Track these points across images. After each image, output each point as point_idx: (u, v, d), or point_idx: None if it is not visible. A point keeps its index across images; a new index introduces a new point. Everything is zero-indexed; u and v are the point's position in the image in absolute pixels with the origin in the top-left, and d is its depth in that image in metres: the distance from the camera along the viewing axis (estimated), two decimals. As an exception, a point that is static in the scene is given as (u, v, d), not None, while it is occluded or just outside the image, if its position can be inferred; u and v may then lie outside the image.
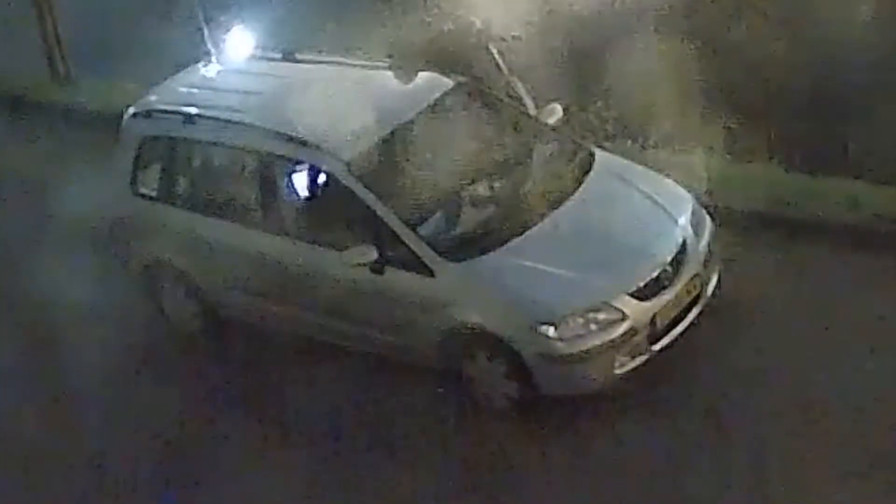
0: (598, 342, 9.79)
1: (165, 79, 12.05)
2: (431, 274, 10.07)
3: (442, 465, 9.95)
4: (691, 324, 10.21)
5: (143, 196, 11.45)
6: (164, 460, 10.43)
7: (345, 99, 11.04)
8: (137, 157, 11.46)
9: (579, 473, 9.68)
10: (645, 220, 10.46)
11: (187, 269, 11.30)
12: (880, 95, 12.43)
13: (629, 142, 12.41)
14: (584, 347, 9.78)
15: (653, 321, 9.97)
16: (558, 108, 11.07)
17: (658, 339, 10.05)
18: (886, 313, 10.39)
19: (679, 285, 10.11)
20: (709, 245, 10.48)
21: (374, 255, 10.14)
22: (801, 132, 12.18)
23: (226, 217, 10.98)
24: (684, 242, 10.29)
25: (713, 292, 10.44)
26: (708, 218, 10.66)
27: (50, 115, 15.19)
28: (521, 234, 10.23)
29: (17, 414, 11.05)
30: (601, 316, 9.81)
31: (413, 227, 10.17)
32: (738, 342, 10.38)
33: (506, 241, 10.17)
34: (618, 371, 9.94)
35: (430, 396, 10.41)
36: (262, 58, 11.85)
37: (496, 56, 11.45)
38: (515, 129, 11.09)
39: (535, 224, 10.29)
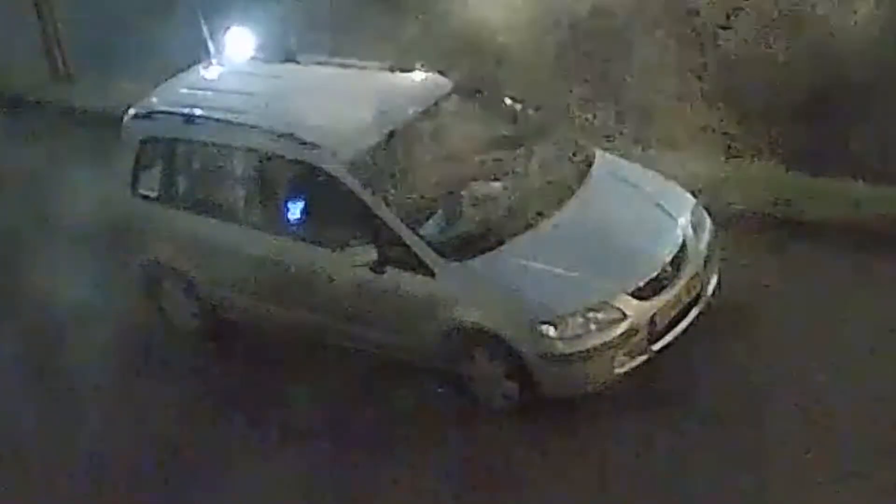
0: (597, 342, 9.79)
1: (166, 79, 12.06)
2: (431, 274, 10.08)
3: (442, 465, 9.95)
4: (691, 324, 10.21)
5: (143, 196, 11.46)
6: (164, 460, 10.44)
7: (345, 99, 11.05)
8: (138, 158, 11.46)
9: (579, 473, 9.68)
10: (645, 220, 10.46)
11: (187, 270, 11.30)
12: (880, 95, 12.43)
13: (629, 142, 12.40)
14: (583, 347, 9.78)
15: (653, 321, 9.98)
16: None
17: (658, 339, 10.05)
18: (886, 313, 10.39)
19: (679, 285, 10.11)
20: (709, 245, 10.49)
21: (374, 255, 10.14)
22: (801, 132, 12.18)
23: (226, 217, 10.98)
24: (684, 242, 10.30)
25: (713, 292, 10.44)
26: (708, 218, 10.67)
27: (50, 114, 15.20)
28: (521, 233, 10.23)
29: (16, 413, 11.05)
30: (601, 315, 9.81)
31: (413, 227, 10.18)
32: (738, 342, 10.38)
33: (506, 241, 10.17)
34: (618, 371, 9.94)
35: (430, 396, 10.41)
36: (262, 59, 11.86)
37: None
38: (515, 129, 11.09)
39: (535, 224, 10.29)
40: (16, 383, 11.39)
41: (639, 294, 9.92)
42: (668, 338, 10.10)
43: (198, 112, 11.22)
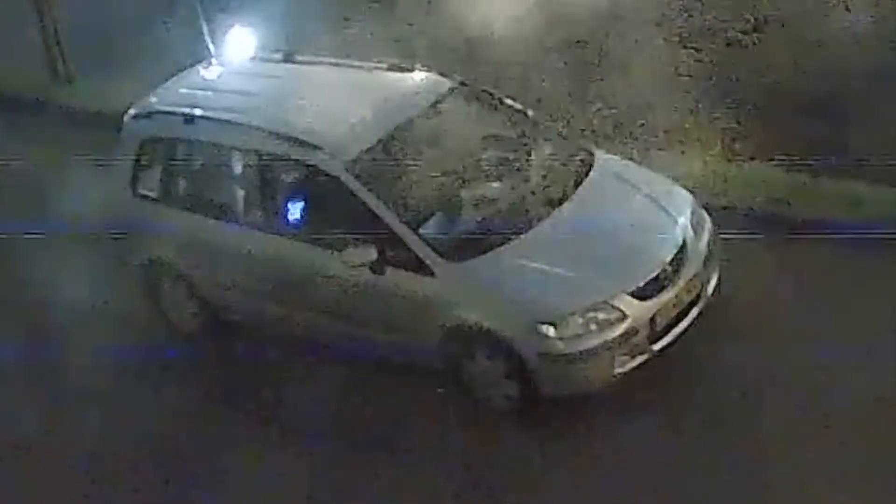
0: (597, 342, 9.79)
1: (166, 79, 12.06)
2: (431, 274, 10.08)
3: (442, 465, 9.95)
4: (691, 324, 10.21)
5: (143, 197, 11.46)
6: (164, 460, 10.44)
7: (345, 99, 11.05)
8: (138, 158, 11.47)
9: (579, 473, 9.69)
10: (645, 220, 10.46)
11: (187, 270, 11.30)
12: (881, 95, 12.43)
13: (629, 142, 12.40)
14: (584, 347, 9.78)
15: (653, 321, 9.97)
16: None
17: (658, 339, 10.05)
18: (886, 313, 10.39)
19: (679, 285, 10.11)
20: (709, 245, 10.49)
21: (374, 255, 10.14)
22: (801, 132, 12.18)
23: (226, 217, 10.99)
24: (684, 242, 10.30)
25: (713, 292, 10.44)
26: (708, 218, 10.67)
27: (50, 115, 15.19)
28: (521, 234, 10.23)
29: (16, 413, 11.05)
30: (601, 315, 9.81)
31: (413, 227, 10.18)
32: (738, 342, 10.38)
33: (506, 241, 10.17)
34: (618, 371, 9.94)
35: (430, 396, 10.41)
36: (262, 59, 11.86)
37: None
38: (515, 129, 11.09)
39: (535, 224, 10.29)
40: (16, 383, 11.37)
41: (639, 294, 9.92)
42: (668, 338, 10.10)
43: (198, 112, 11.22)
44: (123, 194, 11.54)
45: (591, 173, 10.73)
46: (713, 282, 10.48)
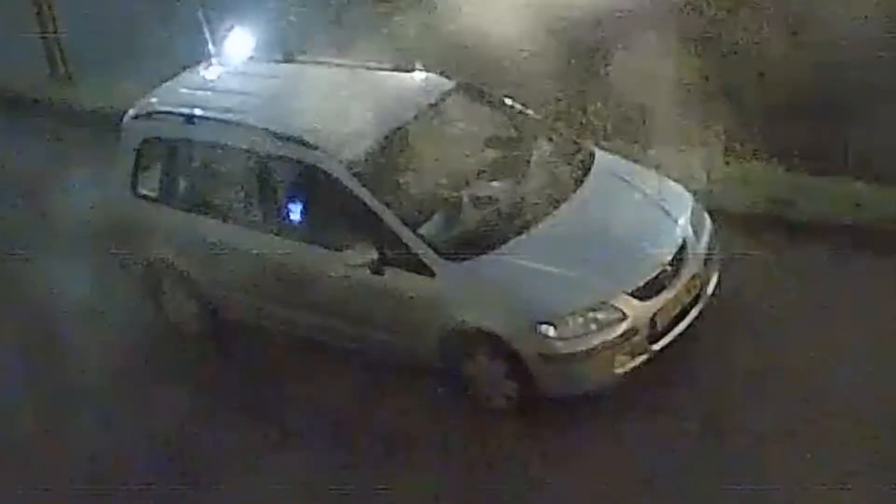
0: (597, 342, 9.80)
1: (166, 79, 12.06)
2: (431, 274, 10.08)
3: (442, 465, 9.95)
4: (691, 324, 10.22)
5: (143, 197, 11.47)
6: (164, 460, 10.43)
7: (345, 99, 11.06)
8: (138, 158, 11.47)
9: (579, 473, 9.69)
10: (645, 220, 10.46)
11: (187, 270, 11.30)
12: (881, 95, 12.43)
13: (629, 142, 12.40)
14: (583, 347, 9.78)
15: (653, 321, 9.98)
16: None
17: (658, 339, 10.05)
18: (886, 313, 10.39)
19: (679, 285, 10.11)
20: (709, 245, 10.49)
21: (374, 255, 10.14)
22: (801, 132, 12.18)
23: (226, 218, 10.99)
24: (684, 242, 10.30)
25: (713, 292, 10.44)
26: (708, 218, 10.67)
27: (50, 114, 15.19)
28: (521, 234, 10.23)
29: (16, 413, 11.05)
30: (601, 316, 9.82)
31: (413, 227, 10.18)
32: (738, 342, 10.39)
33: (506, 241, 10.18)
34: (618, 371, 9.94)
35: (430, 396, 10.41)
36: (262, 59, 11.86)
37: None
38: (515, 129, 11.10)
39: (535, 224, 10.30)
40: (16, 383, 11.38)
41: (639, 294, 9.93)
42: (668, 338, 10.10)
43: (198, 112, 11.22)
44: (123, 194, 11.55)
45: (591, 173, 10.74)
46: (713, 282, 10.48)
